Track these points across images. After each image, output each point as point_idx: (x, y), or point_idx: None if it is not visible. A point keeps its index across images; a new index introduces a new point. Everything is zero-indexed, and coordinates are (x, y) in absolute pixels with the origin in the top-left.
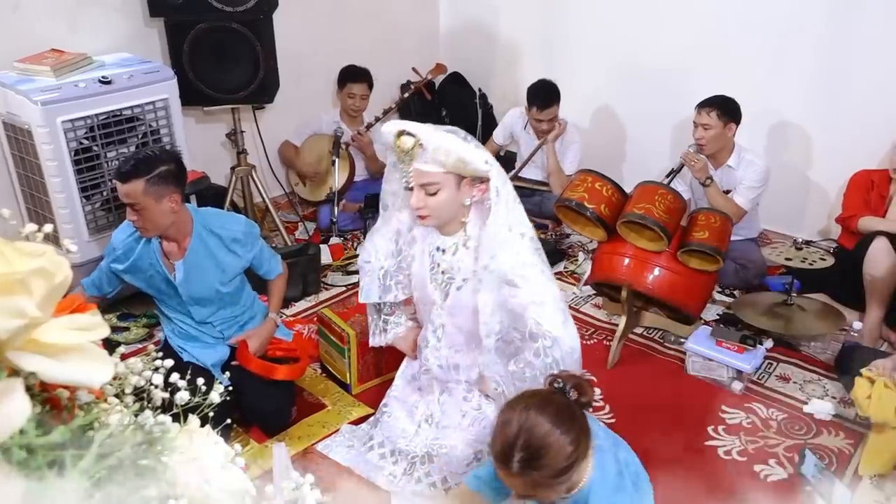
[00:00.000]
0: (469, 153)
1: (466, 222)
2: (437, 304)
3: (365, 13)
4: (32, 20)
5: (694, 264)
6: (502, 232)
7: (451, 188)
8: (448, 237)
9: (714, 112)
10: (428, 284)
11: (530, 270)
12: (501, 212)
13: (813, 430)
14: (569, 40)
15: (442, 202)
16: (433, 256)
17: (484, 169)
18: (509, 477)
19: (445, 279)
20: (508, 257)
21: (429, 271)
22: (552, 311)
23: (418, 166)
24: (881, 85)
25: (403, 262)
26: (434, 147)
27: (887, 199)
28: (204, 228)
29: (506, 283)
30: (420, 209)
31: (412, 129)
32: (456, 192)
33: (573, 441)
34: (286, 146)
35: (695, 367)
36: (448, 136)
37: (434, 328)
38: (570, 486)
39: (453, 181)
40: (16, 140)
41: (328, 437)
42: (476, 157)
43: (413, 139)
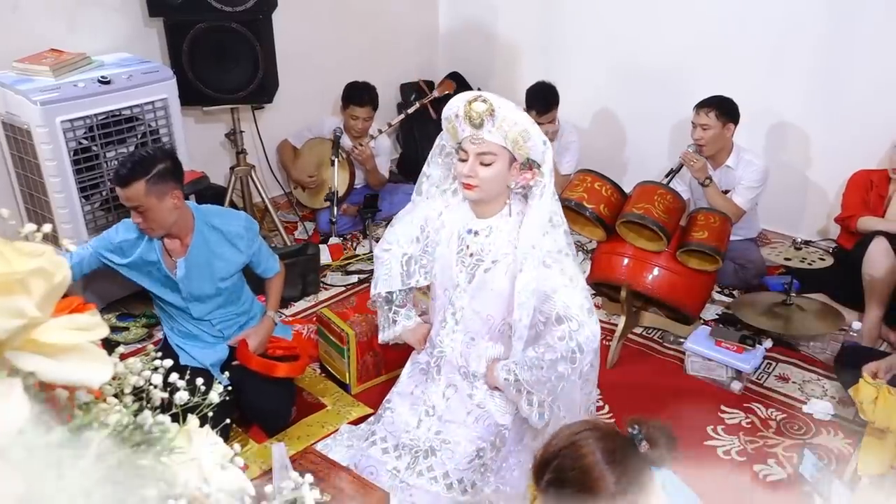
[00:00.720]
0: (533, 128)
1: (509, 204)
2: (459, 287)
3: (364, 13)
4: (32, 20)
5: (693, 264)
6: (546, 219)
7: (504, 164)
8: (482, 219)
9: (713, 112)
10: (453, 266)
11: (564, 258)
12: (548, 196)
13: (812, 430)
14: (568, 40)
15: (492, 175)
16: (463, 238)
17: (541, 149)
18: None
19: (474, 261)
20: (547, 242)
21: (455, 253)
22: (581, 297)
23: (482, 134)
24: (880, 85)
25: (429, 247)
26: (503, 115)
27: (886, 199)
28: (206, 225)
29: (542, 265)
30: (470, 178)
31: (486, 96)
32: (506, 171)
33: (615, 483)
34: (285, 147)
35: (694, 367)
36: (517, 109)
37: (454, 310)
38: None
39: (507, 159)
40: (15, 140)
41: (328, 437)
42: (537, 135)
43: (486, 105)
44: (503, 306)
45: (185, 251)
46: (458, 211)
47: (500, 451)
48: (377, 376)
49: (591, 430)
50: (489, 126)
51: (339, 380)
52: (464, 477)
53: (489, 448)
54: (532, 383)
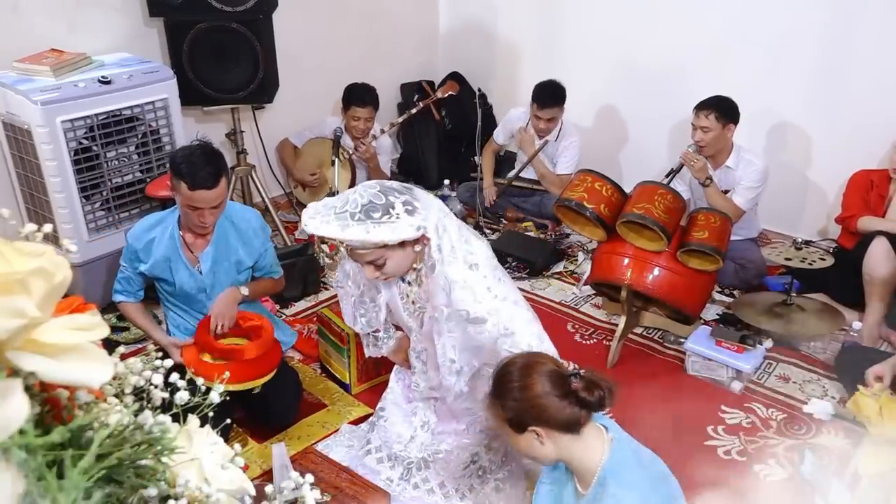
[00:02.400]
0: (394, 234)
1: (418, 267)
2: (414, 331)
3: (364, 13)
4: (32, 20)
5: (693, 264)
6: (452, 275)
7: (396, 252)
8: (412, 271)
9: (712, 114)
10: (402, 313)
11: (492, 302)
12: (448, 262)
13: (813, 430)
14: (568, 40)
15: (394, 265)
16: (401, 287)
17: (415, 235)
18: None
19: (416, 308)
20: (465, 296)
21: (400, 301)
22: (525, 337)
23: (356, 250)
24: (880, 85)
25: (366, 298)
26: (356, 242)
27: (887, 199)
28: (226, 219)
29: (470, 323)
30: (377, 277)
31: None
32: (403, 252)
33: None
34: (285, 146)
35: (694, 366)
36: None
37: (417, 353)
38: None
39: (396, 246)
40: (15, 140)
41: (328, 437)
42: (400, 233)
43: (327, 247)
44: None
45: (207, 244)
46: None
47: (497, 451)
48: (377, 376)
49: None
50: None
51: (340, 380)
52: (460, 484)
53: (484, 451)
54: None
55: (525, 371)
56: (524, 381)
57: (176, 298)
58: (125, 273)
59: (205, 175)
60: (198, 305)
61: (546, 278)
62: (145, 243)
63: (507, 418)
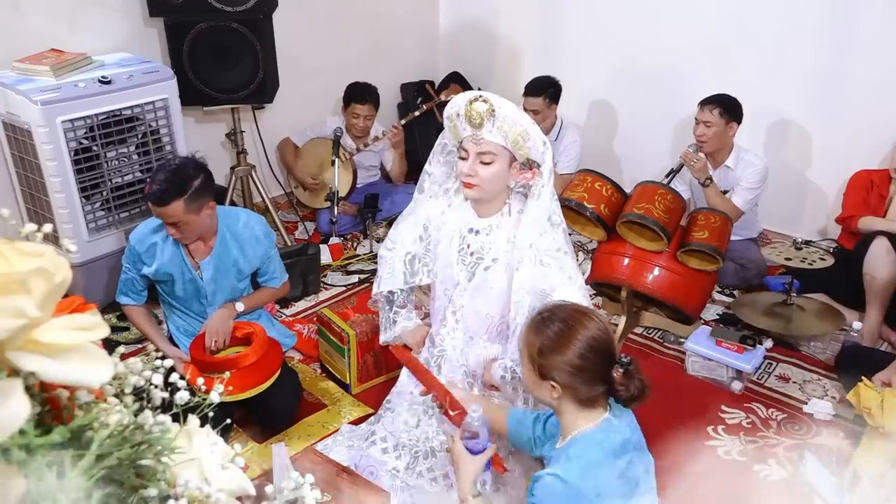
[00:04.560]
0: (534, 129)
1: (509, 203)
2: (460, 285)
3: (364, 13)
4: (32, 20)
5: (694, 264)
6: (544, 218)
7: (504, 164)
8: (483, 219)
9: (717, 110)
10: (454, 265)
11: (563, 256)
12: (546, 198)
13: (813, 430)
14: (568, 40)
15: (492, 174)
16: (464, 237)
17: (541, 150)
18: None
19: (474, 260)
20: (546, 241)
21: (457, 252)
22: (580, 295)
23: (482, 134)
24: (880, 85)
25: (431, 245)
26: (503, 115)
27: (887, 200)
28: (227, 228)
29: (540, 263)
30: (470, 177)
31: (487, 96)
32: (506, 170)
33: (577, 358)
34: (286, 145)
35: (694, 367)
36: (518, 110)
37: (454, 309)
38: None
39: (507, 158)
40: (16, 140)
41: (328, 437)
42: (538, 136)
43: (486, 105)
44: (502, 305)
45: (209, 252)
46: (459, 210)
47: (500, 449)
48: (377, 376)
49: (601, 321)
50: (489, 126)
51: (340, 380)
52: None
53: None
54: None
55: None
56: (564, 341)
57: (177, 301)
58: (128, 274)
59: (155, 191)
60: (198, 308)
61: None
62: (148, 246)
63: (536, 364)
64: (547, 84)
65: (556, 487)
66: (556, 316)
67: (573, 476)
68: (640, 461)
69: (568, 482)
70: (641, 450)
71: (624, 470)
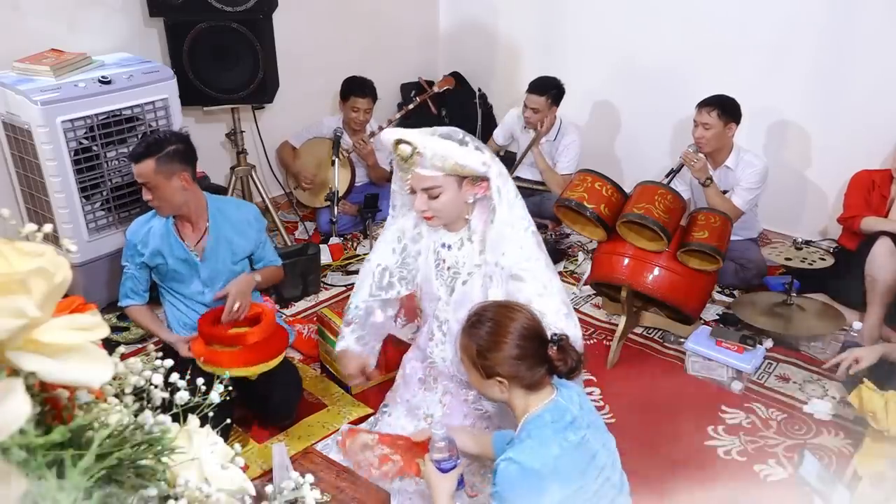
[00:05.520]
0: (465, 157)
1: (470, 219)
2: (442, 300)
3: (364, 13)
4: (32, 20)
5: (694, 264)
6: (506, 230)
7: (452, 189)
8: (453, 233)
9: (715, 111)
10: (433, 280)
11: (535, 264)
12: (504, 210)
13: (813, 430)
14: (568, 40)
15: (445, 203)
16: (438, 253)
17: (482, 171)
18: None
19: (451, 274)
20: (513, 253)
21: (434, 268)
22: (556, 303)
23: (418, 171)
24: (880, 85)
25: (409, 258)
26: (431, 153)
27: (889, 200)
28: (218, 210)
29: (511, 279)
30: (424, 212)
31: (409, 138)
32: (458, 192)
33: (517, 348)
34: (284, 148)
35: (695, 367)
36: (444, 142)
37: (439, 323)
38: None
39: (454, 182)
40: (16, 140)
41: (328, 437)
42: (473, 160)
43: (410, 147)
44: None
45: (200, 236)
46: None
47: (471, 473)
48: (377, 376)
49: (526, 311)
50: (422, 164)
51: (340, 380)
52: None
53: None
54: None
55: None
56: (498, 338)
57: (175, 287)
58: (129, 272)
59: (136, 150)
60: (198, 297)
61: None
62: (142, 235)
63: (478, 365)
64: (551, 85)
65: (512, 471)
66: (485, 316)
67: (527, 457)
68: (595, 437)
69: (523, 464)
70: (597, 427)
71: (577, 444)
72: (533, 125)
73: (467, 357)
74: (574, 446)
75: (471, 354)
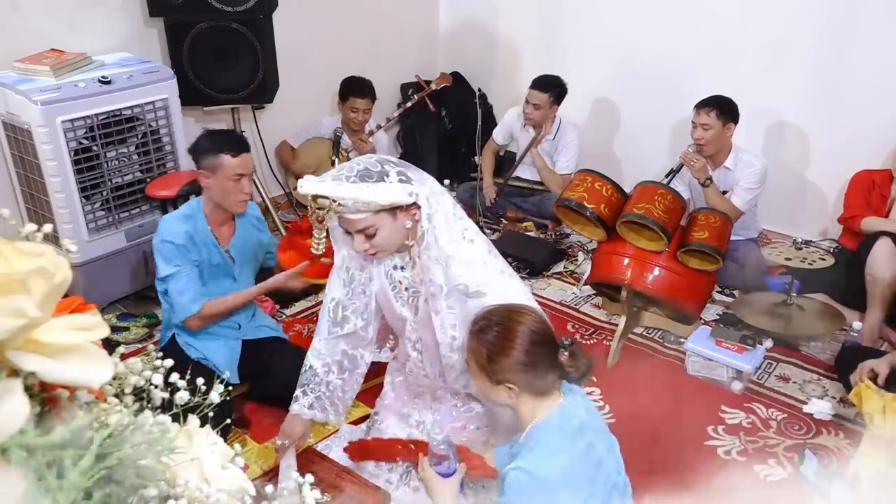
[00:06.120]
0: (387, 195)
1: (411, 245)
2: (408, 321)
3: (364, 13)
4: (32, 20)
5: (694, 264)
6: (442, 256)
7: (387, 223)
8: (403, 253)
9: (713, 112)
10: (394, 303)
11: (490, 276)
12: (441, 235)
13: (813, 430)
14: (568, 40)
15: (385, 237)
16: (391, 276)
17: (408, 202)
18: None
19: (410, 294)
20: (464, 269)
21: (391, 291)
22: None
23: (347, 216)
24: (880, 85)
25: (358, 287)
26: (352, 201)
27: (890, 200)
28: None
29: (469, 297)
30: (367, 250)
31: (323, 191)
32: (394, 223)
33: (522, 354)
34: (283, 148)
35: (695, 367)
36: (361, 186)
37: (412, 343)
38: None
39: (387, 216)
40: (16, 140)
41: (328, 437)
42: (396, 195)
43: (328, 200)
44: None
45: (232, 233)
46: None
47: None
48: (377, 376)
49: (534, 313)
50: (347, 210)
51: None
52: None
53: (482, 449)
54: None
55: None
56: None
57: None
58: (184, 273)
59: (241, 142)
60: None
61: (546, 278)
62: (184, 236)
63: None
64: (555, 83)
65: (521, 480)
66: (493, 320)
67: (537, 466)
68: (600, 442)
69: (533, 473)
70: (602, 432)
71: (585, 451)
72: (533, 122)
73: (475, 363)
74: (582, 453)
75: (479, 360)
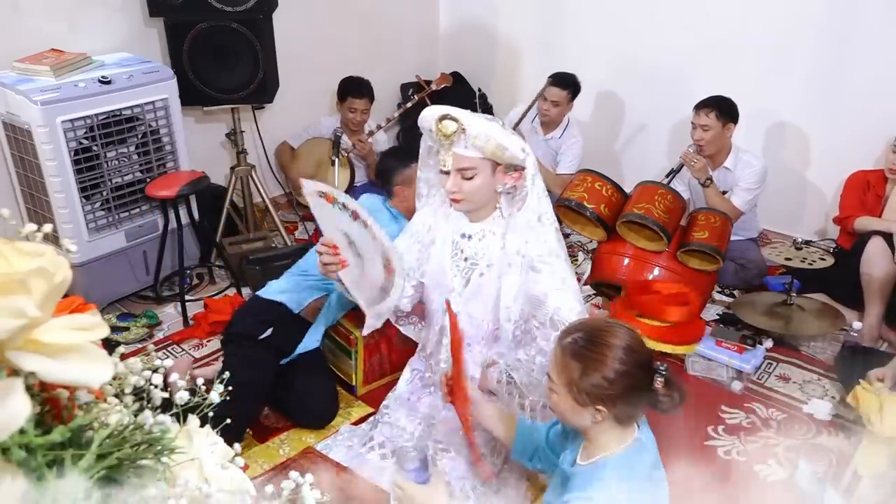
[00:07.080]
0: (508, 140)
1: (499, 207)
2: (455, 291)
3: (364, 13)
4: (32, 20)
5: (694, 264)
6: (533, 220)
7: (486, 174)
8: (476, 223)
9: (713, 113)
10: (448, 271)
11: (555, 259)
12: (534, 200)
13: (813, 430)
14: (568, 41)
15: (477, 187)
16: (457, 243)
17: (521, 157)
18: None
19: (468, 265)
20: (537, 245)
21: (450, 258)
22: (572, 299)
23: (457, 150)
24: (879, 85)
25: (420, 245)
26: (475, 132)
27: (883, 199)
28: None
29: (531, 269)
30: (455, 193)
31: (455, 114)
32: (491, 178)
33: (625, 377)
34: (283, 149)
35: (695, 367)
36: (489, 123)
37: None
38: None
39: (489, 167)
40: (16, 140)
41: (328, 437)
42: (514, 145)
43: (456, 124)
44: (496, 311)
45: None
46: (451, 215)
47: (500, 452)
48: (382, 377)
49: (631, 330)
50: (462, 143)
51: (343, 379)
52: (465, 483)
53: (490, 453)
54: (525, 385)
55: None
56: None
57: None
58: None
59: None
60: None
61: None
62: None
63: (577, 388)
64: (572, 80)
65: None
66: (590, 334)
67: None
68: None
69: None
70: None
71: (655, 494)
72: (551, 119)
73: (563, 378)
74: (652, 496)
75: (569, 376)
